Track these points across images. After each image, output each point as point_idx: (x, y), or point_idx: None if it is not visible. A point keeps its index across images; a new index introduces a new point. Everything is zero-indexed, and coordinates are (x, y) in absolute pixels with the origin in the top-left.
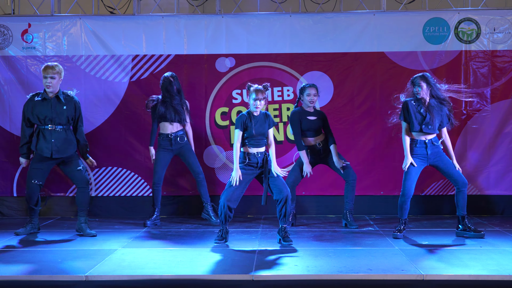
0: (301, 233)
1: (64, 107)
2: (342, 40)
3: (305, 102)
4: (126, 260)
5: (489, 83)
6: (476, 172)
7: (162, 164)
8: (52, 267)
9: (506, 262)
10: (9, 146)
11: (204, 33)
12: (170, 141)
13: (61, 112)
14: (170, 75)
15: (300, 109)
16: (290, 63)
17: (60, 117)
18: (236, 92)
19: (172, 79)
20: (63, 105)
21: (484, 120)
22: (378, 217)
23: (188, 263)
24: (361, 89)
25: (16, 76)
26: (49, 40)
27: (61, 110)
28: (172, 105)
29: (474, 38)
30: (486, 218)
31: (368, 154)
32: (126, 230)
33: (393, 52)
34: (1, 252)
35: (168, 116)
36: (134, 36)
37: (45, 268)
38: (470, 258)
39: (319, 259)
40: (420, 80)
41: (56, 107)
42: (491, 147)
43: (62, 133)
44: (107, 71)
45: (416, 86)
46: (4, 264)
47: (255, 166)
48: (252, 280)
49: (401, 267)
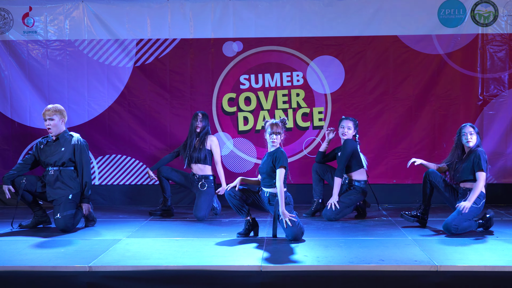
0: (311, 223)
1: (62, 149)
2: (353, 24)
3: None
4: (131, 250)
5: (507, 68)
6: (492, 159)
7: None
8: (55, 257)
9: None
10: (10, 133)
11: (211, 16)
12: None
13: (57, 153)
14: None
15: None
16: (299, 47)
17: (55, 158)
18: (244, 78)
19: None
20: (60, 147)
21: (501, 106)
22: (391, 206)
23: (194, 253)
24: (374, 74)
25: (17, 61)
26: (50, 24)
27: (58, 151)
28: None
29: (491, 21)
30: (504, 207)
31: (380, 141)
32: (130, 220)
33: (406, 36)
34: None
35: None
36: (138, 19)
37: (48, 258)
38: (486, 249)
39: (330, 249)
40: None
41: (54, 149)
42: (508, 134)
43: (54, 175)
44: (110, 56)
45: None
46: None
47: (266, 202)
48: (261, 270)
49: (414, 258)
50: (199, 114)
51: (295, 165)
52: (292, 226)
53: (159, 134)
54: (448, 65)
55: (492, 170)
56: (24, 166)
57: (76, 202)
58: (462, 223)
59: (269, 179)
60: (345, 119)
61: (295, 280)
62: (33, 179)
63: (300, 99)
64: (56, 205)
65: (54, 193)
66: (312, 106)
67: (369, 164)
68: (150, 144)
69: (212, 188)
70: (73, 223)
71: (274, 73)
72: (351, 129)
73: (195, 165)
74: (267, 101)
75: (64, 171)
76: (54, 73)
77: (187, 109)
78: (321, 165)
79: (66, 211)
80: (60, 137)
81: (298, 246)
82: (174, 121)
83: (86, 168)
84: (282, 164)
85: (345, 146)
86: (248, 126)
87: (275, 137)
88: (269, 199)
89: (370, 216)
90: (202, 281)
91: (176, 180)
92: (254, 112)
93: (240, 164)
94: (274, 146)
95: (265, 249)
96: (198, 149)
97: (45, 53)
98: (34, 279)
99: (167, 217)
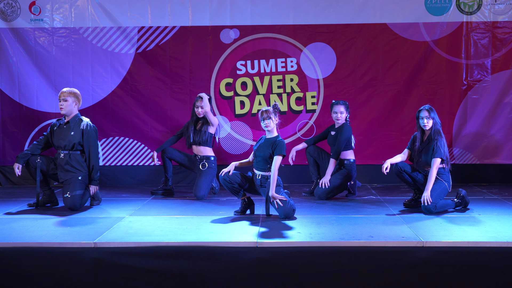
0: (304, 201)
1: (72, 133)
2: (345, 12)
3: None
4: (134, 227)
5: (490, 54)
6: (475, 141)
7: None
8: (62, 234)
9: (504, 229)
10: (18, 116)
11: (208, 5)
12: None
13: (67, 137)
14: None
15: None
16: (293, 35)
17: (65, 142)
18: (241, 63)
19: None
20: (70, 131)
21: (484, 90)
22: (380, 185)
23: (194, 230)
24: (364, 60)
25: (24, 48)
26: (56, 12)
27: (68, 135)
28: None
29: (475, 9)
30: (485, 186)
31: (370, 124)
32: (133, 199)
33: (395, 24)
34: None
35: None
36: (139, 7)
37: (55, 235)
38: (469, 226)
39: (322, 226)
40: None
41: (65, 132)
42: (490, 117)
43: (64, 158)
44: (113, 43)
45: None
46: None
47: (258, 184)
48: (256, 246)
49: (401, 234)
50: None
51: (289, 147)
52: (282, 206)
53: (160, 117)
54: (435, 51)
55: (475, 151)
56: (37, 146)
57: (85, 183)
58: (438, 201)
59: (263, 163)
60: (336, 104)
61: (289, 255)
62: (47, 160)
63: (294, 84)
64: (66, 184)
65: (65, 175)
66: (305, 91)
67: (359, 145)
68: (151, 127)
69: (212, 168)
70: (80, 202)
71: (269, 59)
72: (343, 113)
73: (197, 147)
74: (262, 86)
75: (73, 154)
76: (60, 59)
77: (187, 93)
78: (314, 148)
79: (75, 191)
80: (70, 121)
81: (292, 223)
82: (174, 105)
83: (93, 152)
84: (282, 152)
85: (342, 131)
86: (244, 110)
87: (267, 122)
88: (261, 182)
89: (360, 195)
90: (201, 256)
91: (179, 160)
92: (250, 96)
93: (237, 146)
94: (269, 131)
95: (260, 226)
96: (200, 131)
97: (51, 40)
98: (42, 255)
99: (168, 196)
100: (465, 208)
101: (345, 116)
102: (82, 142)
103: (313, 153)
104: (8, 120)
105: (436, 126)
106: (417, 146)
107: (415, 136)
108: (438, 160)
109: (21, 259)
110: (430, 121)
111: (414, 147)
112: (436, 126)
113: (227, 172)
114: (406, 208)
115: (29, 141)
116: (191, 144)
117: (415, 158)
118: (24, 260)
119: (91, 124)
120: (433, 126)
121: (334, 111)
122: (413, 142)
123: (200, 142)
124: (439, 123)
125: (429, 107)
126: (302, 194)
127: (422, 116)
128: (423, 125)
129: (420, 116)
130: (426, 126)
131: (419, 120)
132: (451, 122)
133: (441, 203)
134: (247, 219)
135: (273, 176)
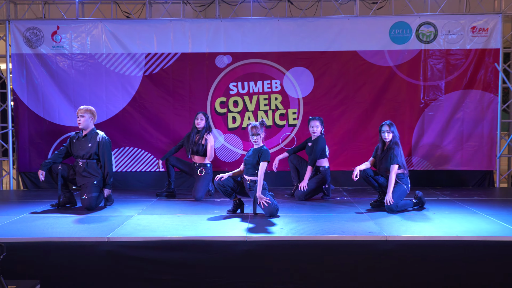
0: (286, 202)
1: (89, 144)
2: (321, 41)
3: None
4: (141, 224)
5: (444, 77)
6: (431, 151)
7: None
8: (79, 230)
9: (454, 225)
10: (42, 129)
11: (205, 35)
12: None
13: (85, 148)
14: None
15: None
16: (277, 60)
17: (83, 152)
18: (233, 85)
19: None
20: (88, 142)
21: (438, 108)
22: (350, 188)
23: (192, 227)
24: (337, 82)
25: (47, 71)
26: (75, 40)
27: (86, 147)
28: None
29: (432, 39)
30: (439, 189)
31: (342, 136)
32: (140, 200)
33: (364, 51)
34: (38, 219)
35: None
36: (146, 36)
37: (74, 231)
38: (425, 222)
39: (301, 223)
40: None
41: (83, 144)
42: (444, 130)
43: (82, 166)
44: (124, 67)
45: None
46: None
47: (247, 188)
48: (246, 240)
49: (368, 230)
50: (200, 114)
51: (274, 156)
52: (268, 206)
53: (164, 130)
54: (397, 75)
55: (430, 159)
56: (59, 156)
57: (99, 186)
58: (399, 202)
59: (252, 169)
60: (312, 119)
61: (274, 247)
62: (67, 167)
63: (278, 102)
64: (83, 188)
65: (82, 180)
66: (288, 108)
67: (332, 154)
68: (157, 138)
69: (208, 174)
70: (96, 203)
71: (257, 81)
72: (318, 127)
73: (195, 156)
74: (251, 104)
75: (90, 163)
76: (78, 80)
77: (187, 110)
78: (295, 156)
79: (91, 194)
80: (88, 134)
81: (276, 221)
82: (176, 120)
83: (107, 161)
84: (266, 159)
85: (318, 142)
86: (236, 124)
87: (256, 138)
88: (249, 185)
89: (333, 196)
90: (199, 249)
91: (181, 167)
92: (241, 113)
93: (229, 155)
94: (257, 144)
95: (249, 223)
96: (198, 144)
97: (71, 64)
98: (62, 248)
99: (171, 198)
100: (422, 208)
101: (320, 129)
102: (98, 152)
103: (294, 160)
104: (34, 133)
105: (395, 138)
106: (379, 154)
107: (377, 147)
108: (395, 166)
109: (44, 251)
110: (390, 134)
111: (377, 156)
112: (395, 139)
113: (221, 178)
114: (372, 208)
115: (51, 151)
116: (191, 153)
117: (378, 165)
118: (47, 253)
119: (105, 137)
120: (392, 139)
121: (310, 125)
122: (376, 152)
123: (198, 152)
124: (397, 136)
125: (390, 123)
126: (285, 195)
127: (383, 130)
128: (384, 137)
129: (382, 130)
130: (387, 138)
131: (381, 133)
132: (410, 135)
133: (401, 203)
134: (238, 217)
135: (260, 179)
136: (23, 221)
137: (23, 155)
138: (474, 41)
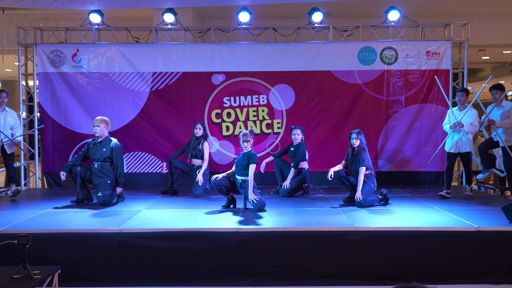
0: (272, 198)
1: (104, 149)
2: (301, 62)
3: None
4: (148, 217)
5: (403, 93)
6: (393, 155)
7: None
8: (95, 223)
9: (413, 218)
10: (64, 136)
11: (203, 56)
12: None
13: (100, 152)
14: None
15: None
16: (264, 78)
17: (99, 156)
18: (226, 99)
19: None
20: (103, 148)
21: (399, 119)
22: (326, 187)
23: (192, 220)
24: (314, 97)
25: (68, 87)
26: (92, 61)
27: (101, 151)
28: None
29: (393, 61)
30: (401, 187)
31: (319, 142)
32: (148, 197)
33: (336, 71)
34: (60, 213)
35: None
36: (153, 58)
37: (90, 223)
38: (389, 215)
39: (284, 216)
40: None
41: (99, 149)
42: (404, 138)
43: (97, 167)
44: (134, 83)
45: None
46: (62, 220)
47: (239, 186)
48: (238, 231)
49: (341, 222)
50: (198, 124)
51: (261, 159)
52: (256, 202)
53: (168, 137)
54: (365, 91)
55: (393, 162)
56: (78, 159)
57: (113, 185)
58: (367, 198)
59: (243, 170)
60: (295, 128)
61: (261, 237)
62: (85, 168)
63: (265, 114)
64: (99, 186)
65: (97, 179)
66: (273, 119)
67: (311, 158)
68: (162, 144)
69: (205, 174)
70: (109, 200)
71: (247, 95)
72: (300, 134)
73: (194, 159)
74: (242, 115)
75: (104, 165)
76: (95, 95)
77: (187, 120)
78: (279, 160)
79: (106, 191)
80: (103, 141)
81: (263, 214)
82: (178, 128)
83: (120, 163)
84: (255, 161)
85: (299, 147)
86: (229, 132)
87: (246, 144)
88: (241, 184)
89: (312, 193)
90: (197, 239)
91: (182, 169)
92: (233, 122)
93: (223, 158)
94: (246, 149)
95: (240, 216)
96: (196, 149)
97: (88, 81)
98: (80, 239)
99: (173, 195)
100: (387, 203)
101: (301, 137)
102: (111, 156)
103: (278, 163)
104: (57, 139)
105: (362, 144)
106: (350, 158)
107: (348, 151)
108: (363, 168)
109: (64, 241)
110: (357, 141)
111: (348, 159)
112: (362, 145)
113: (217, 178)
114: (344, 203)
115: (71, 154)
116: (191, 157)
117: (349, 167)
118: (66, 242)
119: (118, 143)
120: (360, 145)
121: (293, 133)
122: (347, 156)
123: (196, 156)
124: (364, 143)
125: (358, 131)
126: (271, 193)
127: (352, 137)
128: (353, 143)
129: (351, 137)
130: (355, 144)
131: (351, 140)
132: (376, 141)
133: (369, 199)
134: (230, 211)
135: (250, 180)
136: (47, 215)
137: (47, 158)
138: (428, 63)
